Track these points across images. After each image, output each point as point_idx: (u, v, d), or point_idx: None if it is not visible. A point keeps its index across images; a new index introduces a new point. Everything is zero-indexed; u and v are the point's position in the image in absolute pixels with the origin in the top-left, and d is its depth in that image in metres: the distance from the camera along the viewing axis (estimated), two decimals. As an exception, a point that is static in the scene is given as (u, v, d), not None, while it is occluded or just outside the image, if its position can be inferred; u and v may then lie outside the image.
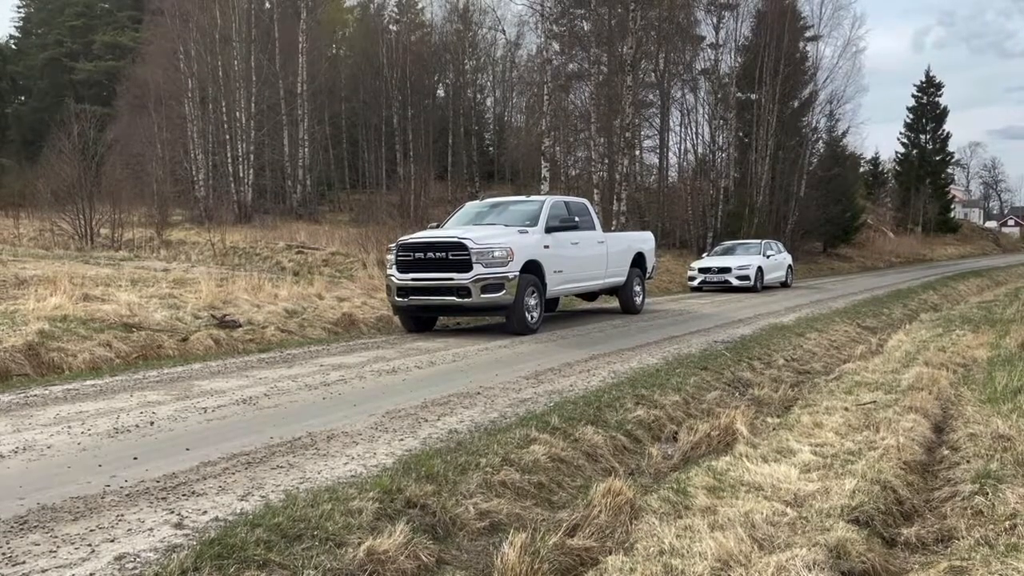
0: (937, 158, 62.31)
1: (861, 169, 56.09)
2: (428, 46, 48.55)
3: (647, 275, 15.20)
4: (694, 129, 38.84)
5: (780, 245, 25.15)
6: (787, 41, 35.05)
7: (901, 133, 63.28)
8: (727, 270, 21.41)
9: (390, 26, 48.77)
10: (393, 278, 11.17)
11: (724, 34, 37.21)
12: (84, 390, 6.82)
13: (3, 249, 19.92)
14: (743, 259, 21.94)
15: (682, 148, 40.17)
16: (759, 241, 24.18)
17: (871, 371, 8.54)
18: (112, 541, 3.45)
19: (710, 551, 3.53)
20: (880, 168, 65.58)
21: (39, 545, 3.39)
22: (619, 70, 29.15)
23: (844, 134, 43.02)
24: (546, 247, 11.65)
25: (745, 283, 21.09)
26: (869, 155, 64.17)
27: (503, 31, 48.46)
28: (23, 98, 56.43)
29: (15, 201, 30.47)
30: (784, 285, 23.53)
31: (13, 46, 59.13)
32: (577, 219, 12.58)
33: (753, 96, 36.25)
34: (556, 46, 32.74)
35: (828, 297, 18.92)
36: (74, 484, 4.21)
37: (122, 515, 3.76)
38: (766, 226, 33.12)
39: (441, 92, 50.42)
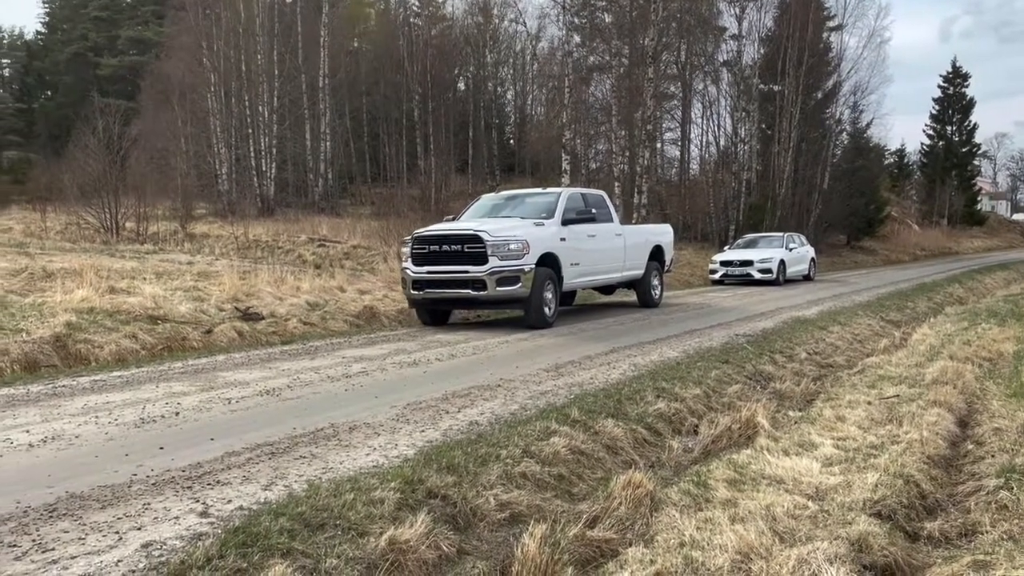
0: (963, 150, 61.54)
1: (886, 161, 55.58)
2: (449, 39, 48.55)
3: (665, 268, 15.02)
4: (716, 121, 38.66)
5: (803, 238, 25.00)
6: (811, 31, 34.69)
7: (927, 124, 62.62)
8: (749, 263, 21.32)
9: (411, 19, 48.79)
10: (408, 271, 11.08)
11: (747, 25, 36.96)
12: (111, 381, 6.92)
13: (31, 242, 20.22)
14: (765, 252, 21.84)
15: (704, 140, 40.05)
16: (781, 234, 24.05)
17: (895, 365, 8.46)
18: (139, 529, 3.50)
19: (730, 544, 3.53)
20: (905, 160, 64.95)
21: (68, 532, 3.46)
22: (640, 62, 29.02)
23: (868, 126, 42.67)
24: (563, 240, 11.48)
25: (767, 276, 20.98)
26: (894, 147, 63.63)
27: (524, 24, 48.47)
28: (49, 93, 57.12)
29: (42, 195, 30.84)
30: (807, 278, 23.38)
31: (39, 42, 59.86)
32: (594, 211, 12.41)
33: (776, 87, 35.94)
34: (577, 38, 32.67)
35: (851, 290, 18.76)
36: (101, 473, 4.28)
37: (149, 503, 3.82)
38: (789, 219, 32.88)
39: (462, 86, 50.44)
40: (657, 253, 14.48)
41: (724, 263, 21.99)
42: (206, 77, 34.62)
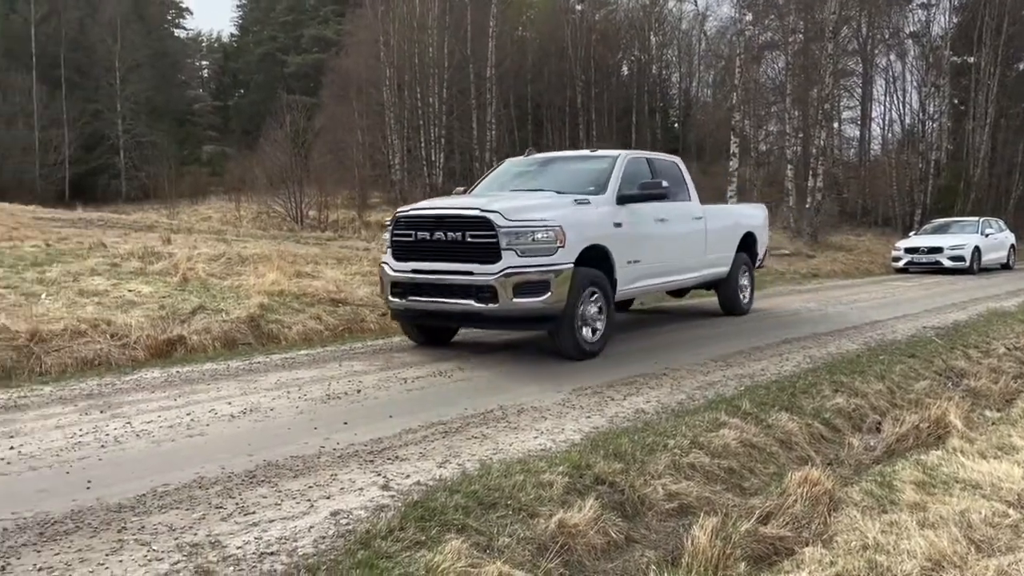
0: None
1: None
2: (612, 24, 48.13)
3: (757, 263, 11.44)
4: (901, 98, 36.16)
5: (1001, 223, 22.93)
6: (1013, -4, 31.58)
7: None
8: (938, 250, 19.82)
9: (575, 6, 48.74)
10: (387, 268, 7.70)
11: (938, -8, 34.13)
12: (299, 359, 7.44)
13: (227, 230, 22.03)
14: (957, 238, 20.24)
15: (886, 119, 37.58)
16: (976, 219, 22.18)
17: (1113, 364, 7.61)
18: (328, 498, 3.76)
19: (919, 549, 3.32)
20: None
21: (266, 498, 3.76)
22: (818, 37, 27.55)
23: (1082, 97, 38.26)
24: (617, 225, 7.87)
25: (959, 264, 19.43)
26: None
27: (695, 2, 47.13)
28: (242, 91, 62.04)
29: (236, 186, 33.55)
30: (1006, 267, 21.47)
31: (233, 44, 65.05)
32: (666, 185, 8.59)
33: (970, 59, 33.08)
34: (749, 16, 31.40)
35: (1059, 281, 16.99)
36: (293, 444, 4.62)
37: (335, 475, 4.09)
38: (984, 202, 30.34)
39: (625, 70, 49.88)
40: (747, 243, 10.95)
41: (909, 250, 20.57)
42: (381, 71, 36.21)
